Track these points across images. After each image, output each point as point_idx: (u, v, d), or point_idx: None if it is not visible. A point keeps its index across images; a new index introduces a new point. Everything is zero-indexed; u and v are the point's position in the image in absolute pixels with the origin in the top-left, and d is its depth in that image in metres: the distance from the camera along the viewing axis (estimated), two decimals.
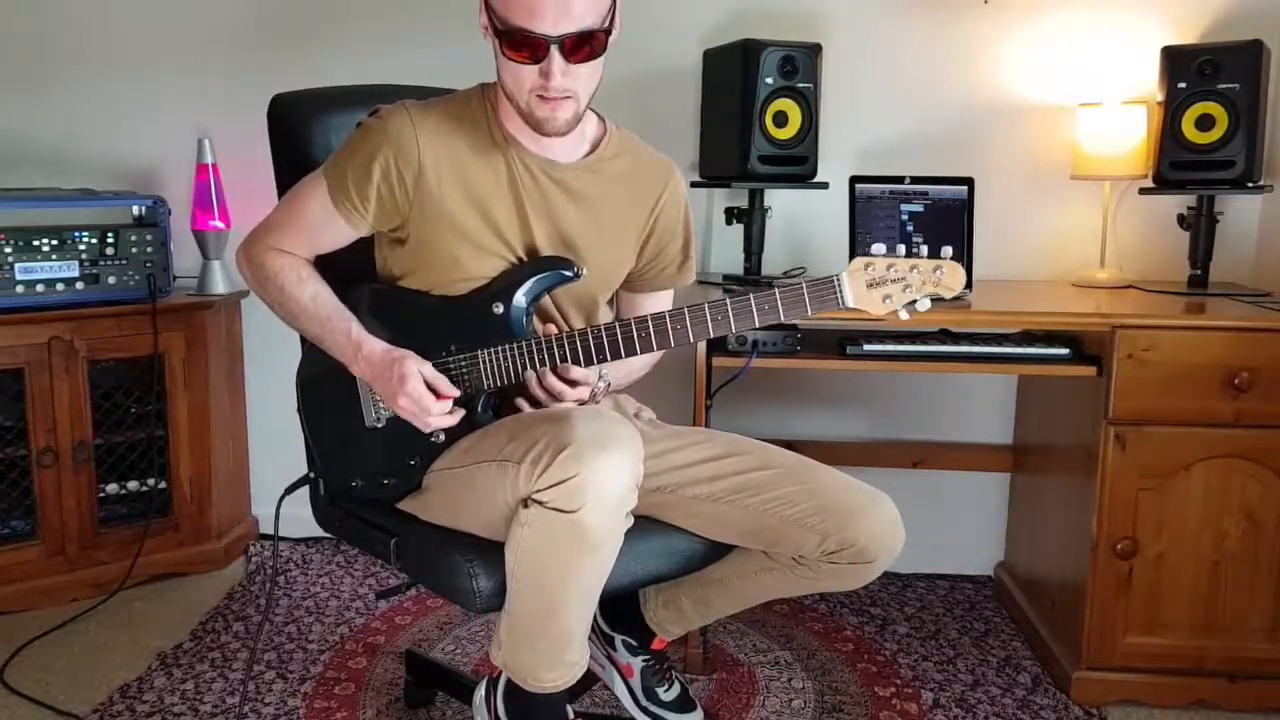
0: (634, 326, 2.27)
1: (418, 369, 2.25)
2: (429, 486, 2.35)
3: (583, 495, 1.99)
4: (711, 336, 2.31)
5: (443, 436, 2.33)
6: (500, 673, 2.35)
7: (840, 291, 2.22)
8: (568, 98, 2.20)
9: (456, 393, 2.28)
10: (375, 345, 2.31)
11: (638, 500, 2.13)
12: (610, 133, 2.45)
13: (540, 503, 2.03)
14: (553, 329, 2.32)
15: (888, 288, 2.21)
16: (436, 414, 2.26)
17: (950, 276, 2.21)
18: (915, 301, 2.22)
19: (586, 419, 2.07)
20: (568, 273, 2.33)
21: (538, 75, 2.16)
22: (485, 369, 2.30)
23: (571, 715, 2.34)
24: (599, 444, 2.01)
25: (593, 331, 2.28)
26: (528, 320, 2.34)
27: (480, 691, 2.46)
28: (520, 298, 2.31)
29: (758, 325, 2.26)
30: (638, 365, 2.57)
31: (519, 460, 2.07)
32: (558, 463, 2.00)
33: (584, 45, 2.15)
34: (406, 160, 2.27)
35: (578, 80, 2.19)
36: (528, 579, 2.12)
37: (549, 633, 2.19)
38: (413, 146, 2.27)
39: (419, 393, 2.24)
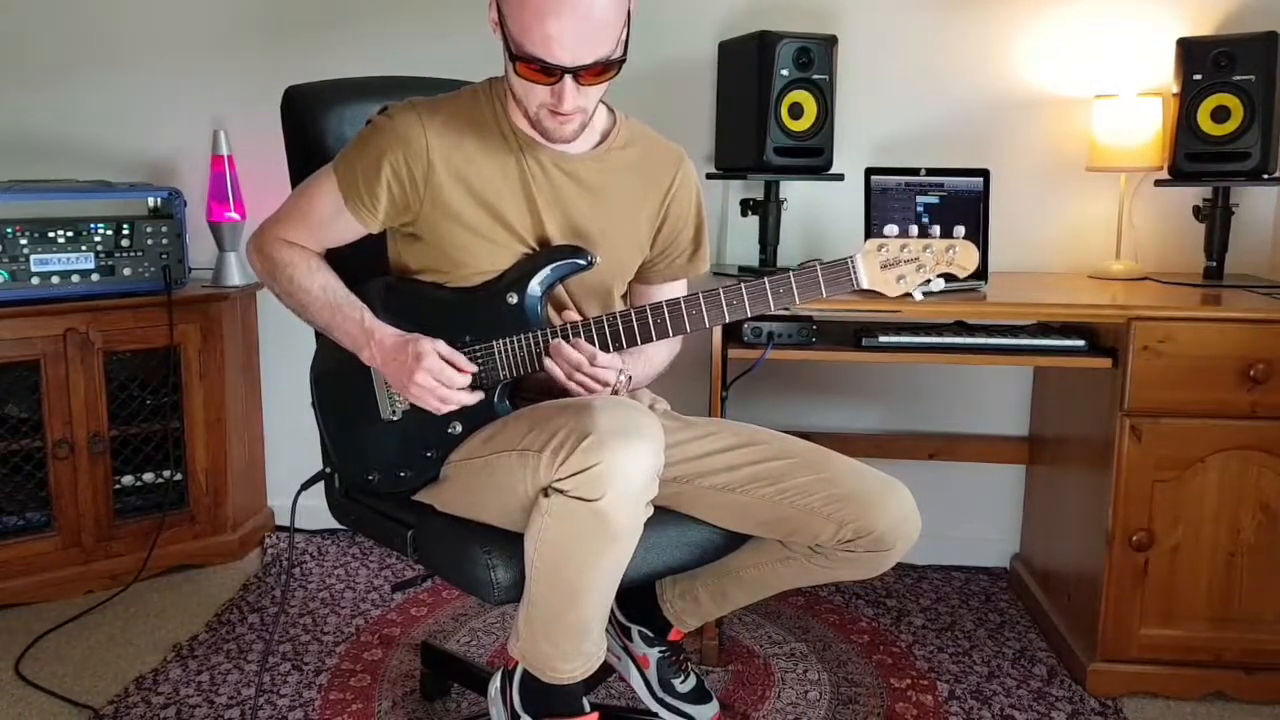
0: (649, 312, 2.28)
1: (432, 347, 2.26)
2: (447, 477, 2.35)
3: (605, 484, 1.99)
4: (727, 321, 2.29)
5: (459, 428, 2.33)
6: (515, 664, 2.34)
7: (854, 273, 2.23)
8: (578, 111, 2.22)
9: (474, 368, 2.29)
10: (387, 331, 2.32)
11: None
12: (619, 123, 2.46)
13: (562, 491, 2.02)
14: (573, 315, 2.32)
15: (901, 268, 2.23)
16: (457, 388, 2.27)
17: (964, 255, 2.23)
18: (929, 281, 2.24)
19: (608, 408, 2.07)
20: (582, 261, 2.33)
21: (549, 94, 2.18)
22: (501, 359, 2.30)
23: (587, 707, 2.34)
24: (621, 433, 2.01)
25: (608, 318, 2.28)
26: (543, 310, 2.33)
27: (495, 683, 2.45)
28: (535, 287, 2.31)
29: (773, 308, 2.26)
30: (658, 361, 2.57)
31: (540, 449, 2.06)
32: (579, 451, 1.99)
33: (597, 71, 2.15)
34: (415, 158, 2.28)
35: (589, 99, 2.23)
36: (548, 568, 2.11)
37: (568, 623, 2.19)
38: (421, 144, 2.28)
39: (438, 368, 2.24)
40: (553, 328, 2.30)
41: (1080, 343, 3.05)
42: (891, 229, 2.24)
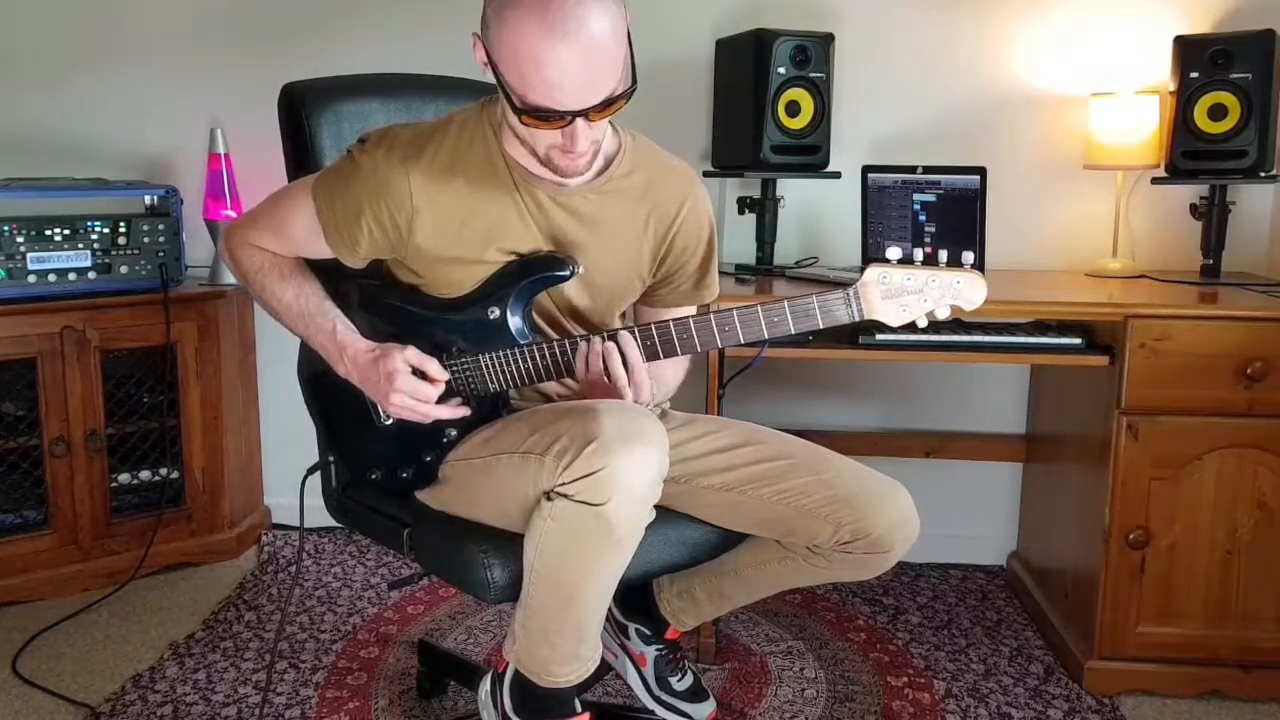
0: (638, 335, 2.21)
1: (403, 362, 2.20)
2: (445, 477, 2.34)
3: (610, 488, 1.97)
4: (719, 347, 2.23)
5: (454, 433, 2.32)
6: (505, 666, 2.33)
7: (854, 305, 2.16)
8: (592, 145, 2.11)
9: (446, 375, 2.25)
10: (360, 345, 2.28)
11: None
12: (625, 147, 2.33)
13: (565, 496, 2.01)
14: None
15: (904, 299, 2.15)
16: (433, 404, 2.24)
17: (969, 289, 2.14)
18: (934, 311, 2.16)
19: (612, 412, 2.04)
20: (562, 272, 2.25)
21: (559, 136, 2.05)
22: (488, 373, 2.27)
23: (579, 708, 2.33)
24: (626, 438, 1.99)
25: (597, 338, 2.22)
26: (525, 322, 2.28)
27: (485, 686, 2.44)
28: (515, 299, 2.26)
29: (766, 336, 2.19)
30: (672, 384, 2.54)
31: (542, 453, 2.04)
32: (584, 456, 1.97)
33: (607, 107, 2.03)
34: (398, 206, 2.19)
35: (600, 131, 2.12)
36: (547, 572, 2.11)
37: (565, 627, 2.19)
38: (404, 190, 2.19)
39: (411, 386, 2.21)
40: (538, 342, 2.25)
41: (1077, 341, 3.05)
42: (895, 252, 2.14)
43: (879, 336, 3.05)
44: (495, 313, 2.26)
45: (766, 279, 3.42)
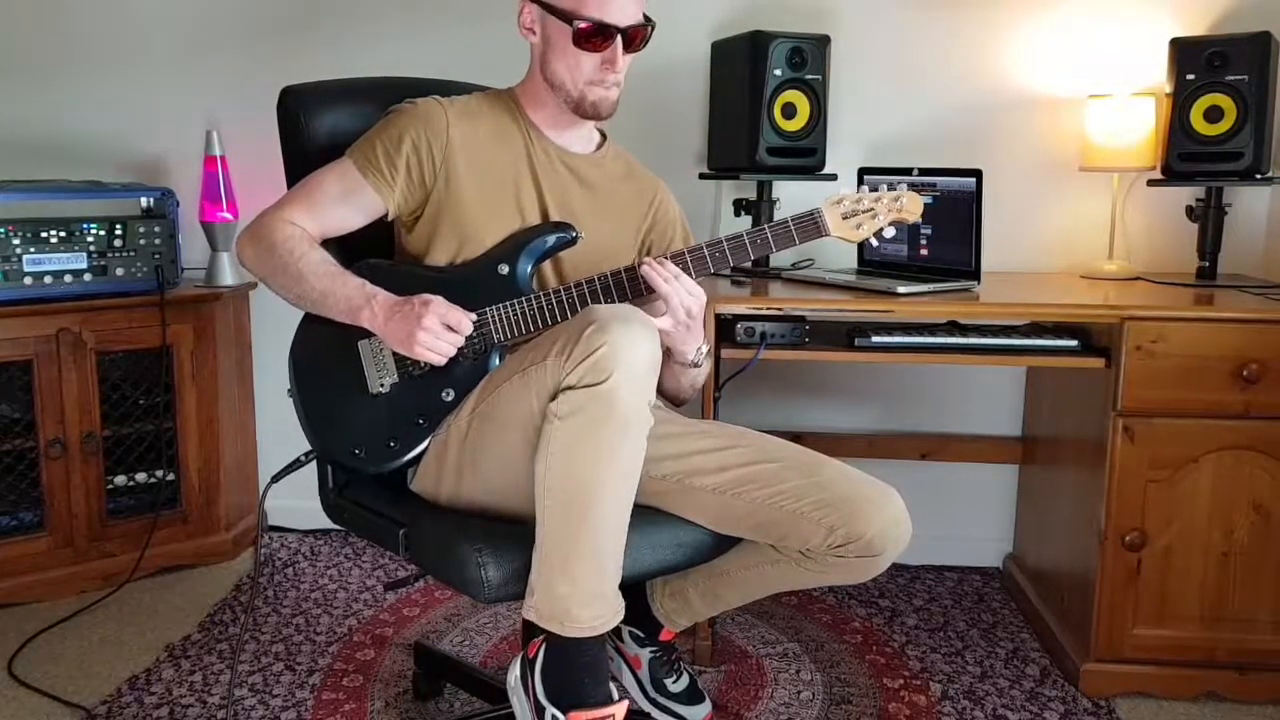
0: (636, 271, 2.40)
1: (434, 298, 2.32)
2: (444, 446, 2.35)
3: (610, 363, 2.03)
4: (712, 272, 2.45)
5: (452, 394, 2.36)
6: (536, 651, 2.25)
7: (822, 222, 2.44)
8: (618, 83, 2.46)
9: (474, 316, 2.35)
10: (387, 294, 2.36)
11: (645, 487, 2.19)
12: (609, 141, 2.69)
13: (570, 387, 2.07)
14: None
15: (859, 218, 2.45)
16: (468, 321, 2.32)
17: (910, 204, 2.46)
18: (882, 230, 2.46)
19: (606, 307, 2.14)
20: (568, 235, 2.47)
21: (599, 63, 2.41)
22: (497, 324, 2.38)
23: (616, 695, 2.23)
24: (622, 318, 2.08)
25: (599, 278, 2.39)
26: (533, 280, 2.45)
27: (515, 671, 2.35)
28: (525, 258, 2.44)
29: (752, 258, 2.45)
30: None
31: (544, 358, 2.12)
32: (583, 339, 2.05)
33: (639, 35, 2.43)
34: (436, 133, 2.44)
35: (626, 68, 2.47)
36: (558, 483, 2.10)
37: (582, 550, 2.12)
38: (442, 122, 2.45)
39: (444, 307, 2.30)
40: (546, 292, 2.39)
41: (1073, 343, 3.05)
42: (844, 189, 2.49)
43: (874, 339, 3.05)
44: (505, 269, 2.43)
45: (763, 280, 3.42)
